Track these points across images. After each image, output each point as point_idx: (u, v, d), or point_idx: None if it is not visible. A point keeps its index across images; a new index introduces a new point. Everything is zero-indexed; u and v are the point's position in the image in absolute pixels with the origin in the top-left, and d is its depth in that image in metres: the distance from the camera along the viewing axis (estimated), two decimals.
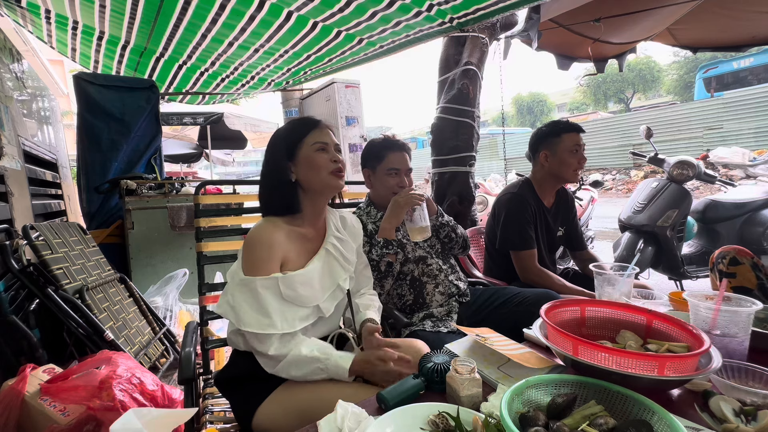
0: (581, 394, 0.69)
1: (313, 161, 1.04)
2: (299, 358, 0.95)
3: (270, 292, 0.95)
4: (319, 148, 1.05)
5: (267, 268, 0.95)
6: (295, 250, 1.02)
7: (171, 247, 3.04)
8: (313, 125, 1.07)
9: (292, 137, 1.06)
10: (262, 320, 0.93)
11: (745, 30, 2.92)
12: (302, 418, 0.91)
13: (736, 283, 1.29)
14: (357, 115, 5.14)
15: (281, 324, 0.94)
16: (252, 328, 0.93)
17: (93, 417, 1.27)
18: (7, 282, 1.76)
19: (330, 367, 0.96)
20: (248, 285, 0.95)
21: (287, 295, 0.96)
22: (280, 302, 0.96)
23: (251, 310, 0.94)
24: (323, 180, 1.04)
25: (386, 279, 1.42)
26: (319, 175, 1.04)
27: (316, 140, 1.05)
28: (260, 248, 0.97)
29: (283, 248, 0.99)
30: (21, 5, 2.51)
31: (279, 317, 0.94)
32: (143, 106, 3.26)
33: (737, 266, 1.30)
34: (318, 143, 1.05)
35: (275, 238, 0.98)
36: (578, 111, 26.21)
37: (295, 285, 0.97)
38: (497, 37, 2.77)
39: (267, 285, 0.94)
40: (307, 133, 1.05)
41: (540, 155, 1.76)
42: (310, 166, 1.04)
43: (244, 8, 2.20)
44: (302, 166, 1.04)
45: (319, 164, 1.04)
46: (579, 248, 1.91)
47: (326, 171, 1.04)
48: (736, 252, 1.30)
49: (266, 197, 1.08)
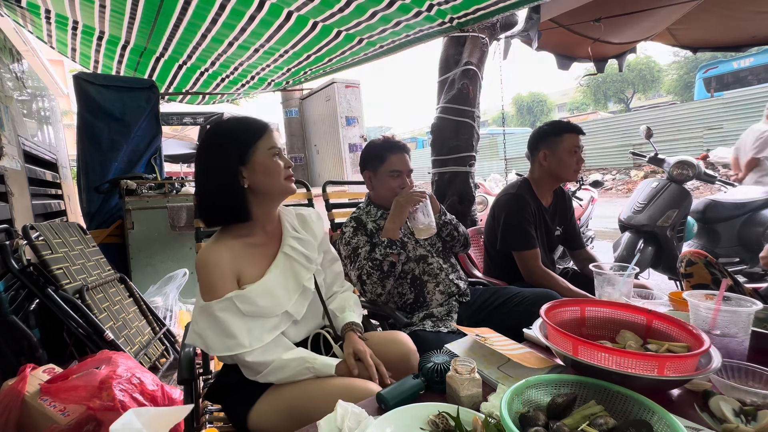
0: (581, 394, 0.69)
1: (269, 167, 0.99)
2: (284, 362, 0.96)
3: (228, 313, 0.93)
4: (273, 153, 1.00)
5: (221, 290, 0.93)
6: (249, 262, 1.00)
7: (171, 247, 3.04)
8: (265, 127, 1.02)
9: (245, 140, 0.99)
10: (227, 342, 0.92)
11: (745, 30, 2.93)
12: (293, 415, 0.92)
13: (694, 281, 1.39)
14: (357, 115, 5.14)
15: (248, 341, 0.93)
16: (220, 352, 0.93)
17: (93, 417, 1.27)
18: (7, 282, 1.76)
19: (318, 368, 0.98)
20: (206, 310, 0.93)
21: (247, 310, 0.94)
22: (243, 320, 0.94)
23: (215, 335, 0.93)
24: (280, 186, 1.01)
25: (388, 279, 1.42)
26: (276, 181, 1.00)
27: (271, 145, 1.00)
28: (210, 271, 0.94)
29: (236, 265, 0.97)
30: (21, 5, 2.51)
31: (245, 335, 0.93)
32: (143, 106, 3.25)
33: (693, 266, 1.40)
34: (274, 148, 1.01)
35: (223, 257, 0.95)
36: (578, 111, 26.22)
37: (254, 299, 0.95)
38: (497, 37, 2.77)
39: (223, 307, 0.92)
40: (261, 137, 1.00)
41: (539, 154, 1.76)
42: (267, 172, 0.99)
43: (244, 8, 2.20)
44: (257, 171, 0.99)
45: (275, 170, 1.00)
46: (577, 247, 1.91)
47: (281, 176, 1.01)
48: (691, 254, 1.42)
49: (211, 206, 1.00)
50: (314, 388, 0.96)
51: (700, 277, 1.38)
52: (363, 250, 1.44)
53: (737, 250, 2.90)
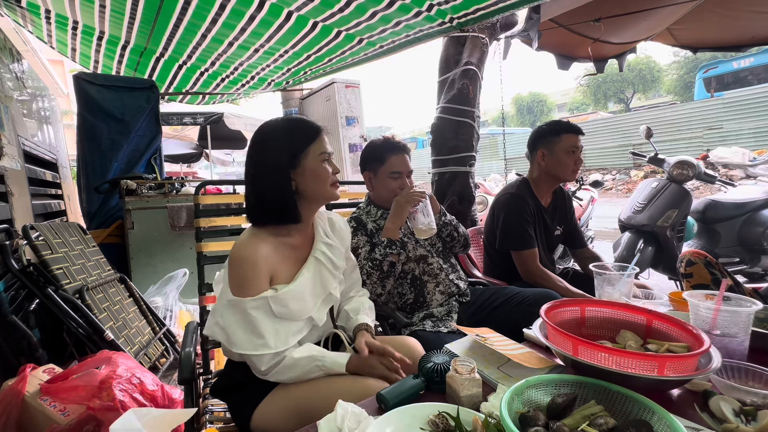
0: (581, 394, 0.69)
1: (319, 173, 0.99)
2: (293, 361, 0.94)
3: (261, 312, 0.92)
4: (324, 159, 1.00)
5: (255, 288, 0.92)
6: (282, 263, 0.99)
7: (171, 247, 3.04)
8: (318, 131, 1.01)
9: (298, 143, 0.99)
10: (255, 341, 0.91)
11: (745, 30, 2.92)
12: (300, 416, 0.91)
13: (694, 281, 1.39)
14: (357, 115, 5.14)
15: (274, 342, 0.92)
16: (245, 350, 0.91)
17: (93, 417, 1.28)
18: (7, 282, 1.76)
19: (328, 365, 0.96)
20: (238, 306, 0.92)
21: (279, 312, 0.94)
22: (273, 320, 0.94)
23: (243, 332, 0.92)
24: (326, 192, 1.01)
25: (388, 279, 1.42)
26: (323, 187, 1.00)
27: (322, 150, 1.00)
28: (246, 267, 0.92)
29: (270, 263, 0.95)
30: (21, 5, 2.51)
31: (272, 336, 0.92)
32: (143, 106, 3.26)
33: (692, 266, 1.40)
34: (324, 153, 1.01)
35: (260, 255, 0.94)
36: (578, 111, 26.20)
37: (287, 302, 0.94)
38: (497, 37, 2.77)
39: (257, 305, 0.91)
40: (313, 141, 1.00)
41: (537, 154, 1.77)
42: (316, 178, 0.99)
43: (244, 8, 2.21)
44: (306, 176, 0.99)
45: (324, 176, 1.00)
46: (579, 246, 1.91)
47: (329, 183, 1.01)
48: (691, 254, 1.41)
49: (261, 205, 0.99)
50: (322, 387, 0.95)
51: (700, 277, 1.38)
52: (363, 250, 1.44)
53: (737, 250, 2.90)
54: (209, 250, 1.44)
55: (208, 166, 10.22)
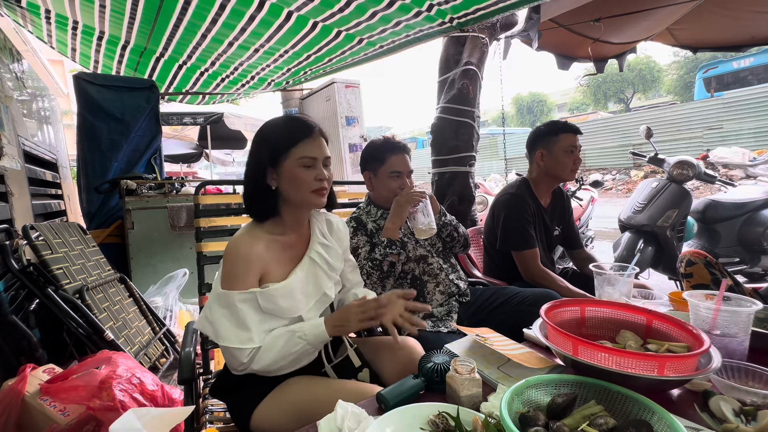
0: (581, 394, 0.69)
1: (296, 177, 0.96)
2: (272, 340, 0.93)
3: (248, 306, 0.92)
4: (304, 164, 0.96)
5: (244, 283, 0.92)
6: (276, 261, 0.99)
7: (171, 247, 3.04)
8: (306, 134, 0.98)
9: (279, 143, 0.97)
10: (241, 334, 0.91)
11: (745, 30, 2.92)
12: (299, 417, 0.90)
13: (694, 281, 1.39)
14: (357, 115, 5.14)
15: (259, 338, 0.92)
16: (230, 342, 0.91)
17: (93, 417, 1.28)
18: (7, 282, 1.76)
19: (307, 331, 0.94)
20: (226, 299, 0.92)
21: (266, 308, 0.94)
22: (260, 315, 0.94)
23: (230, 325, 0.92)
24: (303, 198, 0.99)
25: (388, 279, 1.42)
26: (299, 192, 0.98)
27: (304, 154, 0.96)
28: (237, 262, 0.93)
29: (263, 261, 0.96)
30: (21, 5, 2.51)
31: (258, 330, 0.92)
32: (143, 106, 3.26)
33: (692, 266, 1.40)
34: (305, 158, 0.96)
35: (253, 251, 0.94)
36: (578, 111, 26.19)
37: (276, 298, 0.94)
38: (497, 37, 2.77)
39: (245, 298, 0.92)
40: (296, 143, 0.96)
41: (536, 154, 1.77)
42: (291, 181, 0.97)
43: (244, 8, 2.21)
44: (283, 178, 0.97)
45: (301, 181, 0.97)
46: (576, 247, 1.92)
47: (308, 189, 0.97)
48: (691, 254, 1.41)
49: (245, 196, 1.02)
50: (322, 387, 0.95)
51: (700, 277, 1.38)
52: (363, 250, 1.44)
53: (737, 250, 2.90)
54: (209, 250, 1.44)
55: (208, 166, 10.23)
